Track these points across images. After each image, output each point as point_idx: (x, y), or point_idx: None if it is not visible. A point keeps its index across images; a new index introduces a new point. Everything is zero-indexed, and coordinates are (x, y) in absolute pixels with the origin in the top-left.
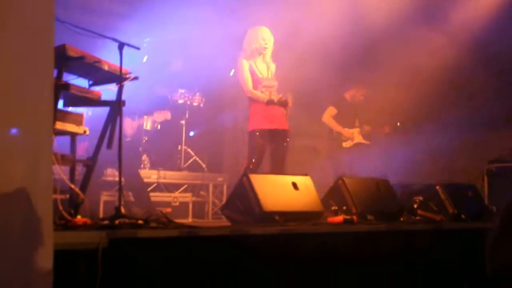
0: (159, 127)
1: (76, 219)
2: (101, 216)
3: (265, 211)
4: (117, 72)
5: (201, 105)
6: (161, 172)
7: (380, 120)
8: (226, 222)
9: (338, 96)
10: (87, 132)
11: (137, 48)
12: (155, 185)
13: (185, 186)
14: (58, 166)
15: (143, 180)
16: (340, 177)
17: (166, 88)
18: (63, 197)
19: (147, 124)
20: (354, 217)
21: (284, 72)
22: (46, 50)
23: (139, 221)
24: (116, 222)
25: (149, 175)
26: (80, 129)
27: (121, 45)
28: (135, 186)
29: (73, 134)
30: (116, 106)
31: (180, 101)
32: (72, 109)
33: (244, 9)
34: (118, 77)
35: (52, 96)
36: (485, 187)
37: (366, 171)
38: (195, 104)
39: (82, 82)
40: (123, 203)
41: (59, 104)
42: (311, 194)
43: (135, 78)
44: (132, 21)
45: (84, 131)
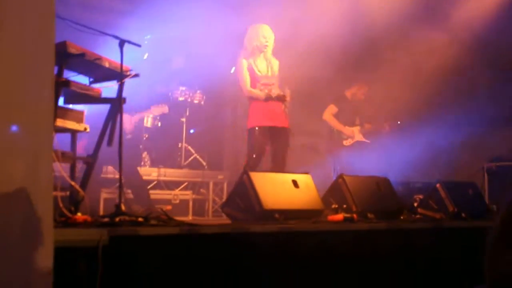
0: (160, 125)
1: (77, 216)
2: (101, 214)
3: (265, 209)
4: (118, 69)
5: (202, 103)
6: (162, 170)
7: (381, 119)
8: (226, 220)
9: (339, 94)
10: (88, 130)
11: (138, 45)
12: (155, 183)
13: (186, 184)
14: (59, 164)
15: (142, 178)
16: (341, 175)
17: (167, 86)
18: (64, 194)
19: (148, 122)
20: (355, 215)
21: (285, 70)
22: (47, 47)
23: (139, 219)
24: (117, 220)
25: (150, 173)
26: (81, 126)
27: (122, 42)
28: (134, 184)
29: (74, 131)
30: (117, 104)
31: (181, 99)
32: (72, 106)
33: (245, 7)
34: (119, 75)
35: (53, 93)
36: (486, 186)
37: (367, 170)
38: (196, 102)
39: (83, 79)
40: (123, 201)
41: (60, 101)
42: (312, 192)
43: (136, 76)
44: (133, 18)
45: (85, 128)
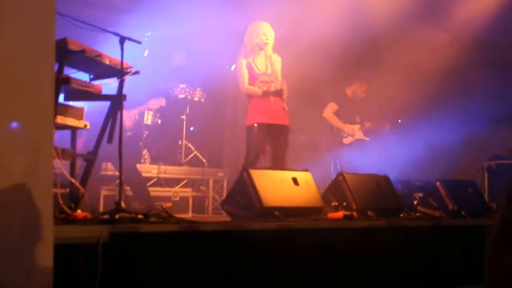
0: (160, 122)
1: (77, 213)
2: (101, 211)
3: (265, 207)
4: (118, 66)
5: (202, 100)
6: (162, 167)
7: (381, 117)
8: (226, 217)
9: (339, 92)
10: (88, 127)
11: (139, 42)
12: (156, 180)
13: (185, 181)
14: (59, 160)
15: (142, 175)
16: (341, 173)
17: (167, 83)
18: (64, 191)
19: (148, 119)
20: (354, 213)
21: (285, 68)
22: (47, 44)
23: (139, 216)
24: (117, 217)
25: (150, 170)
26: (81, 123)
27: (122, 39)
28: (134, 181)
29: (74, 128)
30: (117, 101)
31: (181, 96)
32: (72, 103)
33: (245, 4)
34: (119, 71)
35: (53, 90)
36: (485, 184)
37: (367, 168)
38: (196, 99)
39: (83, 76)
40: (123, 198)
41: (60, 98)
42: (312, 190)
43: (136, 73)
44: (133, 15)
45: (85, 125)
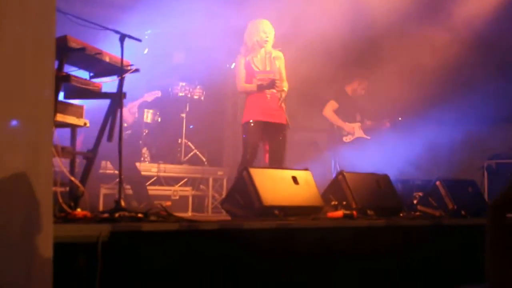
0: (160, 120)
1: (76, 212)
2: (101, 209)
3: (265, 205)
4: (118, 64)
5: (202, 98)
6: (161, 166)
7: (381, 115)
8: (226, 216)
9: (339, 90)
10: (88, 125)
11: (139, 40)
12: (155, 179)
13: (185, 180)
14: (59, 159)
15: (141, 173)
16: (341, 172)
17: (167, 81)
18: (63, 190)
19: (148, 117)
20: (354, 212)
21: (285, 66)
22: (47, 41)
23: (139, 215)
24: (116, 215)
25: (149, 168)
26: (81, 121)
27: (122, 37)
28: (133, 180)
29: (74, 126)
30: (117, 98)
31: (181, 94)
32: (72, 101)
33: (245, 2)
34: (119, 69)
35: (53, 88)
36: (485, 183)
37: (367, 166)
38: (196, 97)
39: (83, 74)
40: (123, 196)
41: (60, 96)
42: (311, 189)
43: (136, 70)
44: (133, 13)
45: (85, 123)
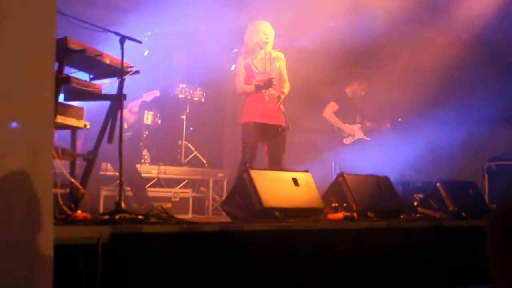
0: (160, 122)
1: (77, 214)
2: (101, 211)
3: (265, 207)
4: (119, 66)
5: (202, 100)
6: (162, 167)
7: (382, 117)
8: (226, 218)
9: (339, 92)
10: (88, 126)
11: (139, 42)
12: (155, 180)
13: (185, 182)
14: (59, 160)
15: (141, 175)
16: (341, 174)
17: (167, 83)
18: (64, 192)
19: (148, 119)
20: (355, 214)
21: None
22: (48, 43)
23: (140, 216)
24: (117, 217)
25: (149, 170)
26: (81, 123)
27: (123, 39)
28: (134, 181)
29: (74, 128)
30: (117, 100)
31: (181, 96)
32: (72, 103)
33: (246, 4)
34: (120, 71)
35: (53, 90)
36: (486, 185)
37: (367, 168)
38: (196, 99)
39: (83, 76)
40: (123, 198)
41: (60, 98)
42: (312, 191)
43: (137, 72)
44: (134, 15)
45: (85, 125)
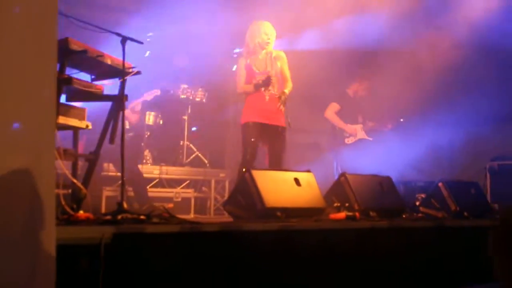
0: (161, 122)
1: (79, 214)
2: (103, 211)
3: (267, 207)
4: (120, 66)
5: (204, 101)
6: (163, 168)
7: (383, 117)
8: (228, 218)
9: (341, 92)
10: (90, 127)
11: (140, 43)
12: (157, 181)
13: (187, 182)
14: (61, 161)
15: (143, 175)
16: (343, 174)
17: (168, 83)
18: (66, 192)
19: (149, 119)
20: (357, 214)
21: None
22: (49, 44)
23: (142, 217)
24: (119, 217)
25: (151, 171)
26: (83, 124)
27: (124, 40)
28: (136, 182)
29: (76, 129)
30: (119, 101)
31: (183, 96)
32: (74, 103)
33: (247, 4)
34: (121, 72)
35: (55, 90)
36: (488, 185)
37: (369, 168)
38: (198, 100)
39: (84, 77)
40: (125, 199)
41: (62, 99)
42: (314, 191)
43: (138, 73)
44: (135, 16)
45: (87, 126)
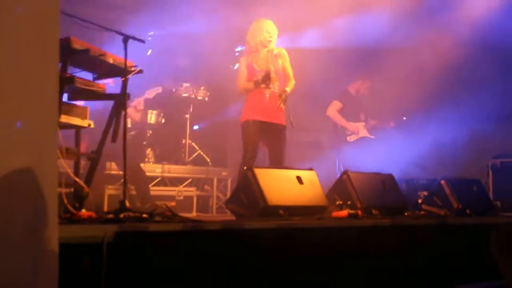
0: (163, 121)
1: (81, 213)
2: (106, 210)
3: (270, 205)
4: (122, 65)
5: (206, 99)
6: (166, 166)
7: (386, 115)
8: (231, 216)
9: (343, 90)
10: (92, 126)
11: (142, 41)
12: (160, 179)
13: (190, 180)
14: (63, 160)
15: (145, 174)
16: (345, 172)
17: (170, 82)
18: (68, 191)
19: (151, 118)
20: (359, 212)
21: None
22: (51, 43)
23: (144, 215)
24: (121, 216)
25: (154, 169)
26: (85, 123)
27: (126, 38)
28: (138, 180)
29: (78, 128)
30: (121, 100)
31: (185, 95)
32: (76, 102)
33: (250, 3)
34: (123, 71)
35: (57, 89)
36: (490, 182)
37: (371, 166)
38: (200, 98)
39: (86, 76)
40: (127, 197)
41: (64, 97)
42: (316, 188)
43: (140, 72)
44: (137, 15)
45: (89, 124)
